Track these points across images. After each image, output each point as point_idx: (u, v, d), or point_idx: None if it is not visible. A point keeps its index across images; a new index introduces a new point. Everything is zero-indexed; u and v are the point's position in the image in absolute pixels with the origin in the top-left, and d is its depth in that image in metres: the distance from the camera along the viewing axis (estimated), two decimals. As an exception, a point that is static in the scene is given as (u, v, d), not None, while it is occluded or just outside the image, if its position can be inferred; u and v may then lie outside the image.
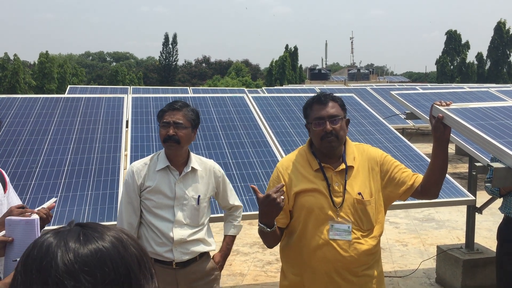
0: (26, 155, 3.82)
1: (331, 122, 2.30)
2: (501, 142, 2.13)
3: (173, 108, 2.67)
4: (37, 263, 0.85)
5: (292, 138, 4.55)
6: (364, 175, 2.36)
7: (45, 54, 40.96)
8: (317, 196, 2.32)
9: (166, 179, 2.71)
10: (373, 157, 2.40)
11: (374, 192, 2.35)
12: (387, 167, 2.38)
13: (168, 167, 2.72)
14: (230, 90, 17.37)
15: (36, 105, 4.63)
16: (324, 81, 45.40)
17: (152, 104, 4.94)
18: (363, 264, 2.34)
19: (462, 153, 11.49)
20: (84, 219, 3.20)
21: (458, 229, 6.60)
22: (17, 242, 1.98)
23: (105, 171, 3.72)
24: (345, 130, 2.38)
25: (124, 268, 0.88)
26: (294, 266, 2.42)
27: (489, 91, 5.87)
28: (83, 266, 0.83)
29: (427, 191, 2.33)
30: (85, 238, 0.88)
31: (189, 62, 73.38)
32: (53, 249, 0.85)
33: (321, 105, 2.35)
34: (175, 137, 2.62)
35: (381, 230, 2.40)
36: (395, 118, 10.40)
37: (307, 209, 2.33)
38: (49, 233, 0.90)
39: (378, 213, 2.37)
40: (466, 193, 3.90)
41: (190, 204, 2.72)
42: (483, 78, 51.82)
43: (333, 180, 2.33)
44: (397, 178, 2.36)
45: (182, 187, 2.72)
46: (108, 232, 0.93)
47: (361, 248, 2.30)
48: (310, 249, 2.33)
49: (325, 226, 2.30)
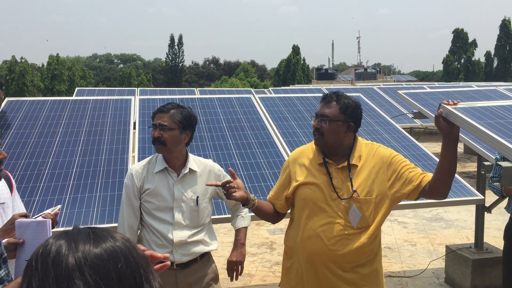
0: (34, 158, 3.84)
1: (321, 121, 2.40)
2: (509, 140, 2.11)
3: (160, 110, 2.69)
4: (48, 262, 0.86)
5: (299, 139, 4.54)
6: (367, 174, 2.39)
7: (55, 57, 41.27)
8: (314, 190, 2.42)
9: (165, 181, 2.71)
10: (381, 157, 2.42)
11: (375, 192, 2.37)
12: (395, 166, 2.38)
13: (166, 169, 2.72)
14: (237, 91, 17.38)
15: (45, 107, 4.66)
16: (331, 81, 45.27)
17: (159, 105, 4.93)
18: (352, 261, 2.39)
19: (471, 152, 11.42)
20: (93, 221, 3.22)
21: (467, 229, 6.56)
22: (28, 244, 2.00)
23: (113, 173, 3.74)
24: (337, 133, 2.40)
25: (136, 265, 0.90)
26: (288, 251, 2.61)
27: (497, 89, 5.83)
28: (96, 263, 0.85)
29: (435, 190, 2.31)
30: (96, 237, 0.90)
31: (196, 63, 73.56)
32: (65, 249, 0.86)
33: (323, 103, 2.47)
34: (160, 139, 2.63)
35: (377, 230, 2.42)
36: (402, 118, 10.37)
37: (303, 200, 2.46)
38: (60, 234, 0.91)
39: (377, 213, 2.39)
40: (475, 192, 3.87)
41: (189, 205, 2.71)
42: (491, 76, 51.55)
43: (333, 175, 2.41)
44: (404, 177, 2.36)
45: (181, 188, 2.71)
46: (117, 234, 0.95)
47: (350, 245, 2.36)
48: (302, 239, 2.46)
49: (317, 219, 2.41)
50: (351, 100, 2.45)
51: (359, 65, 70.70)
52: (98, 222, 3.22)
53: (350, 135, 2.45)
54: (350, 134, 2.44)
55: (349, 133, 2.43)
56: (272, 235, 6.47)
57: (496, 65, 53.71)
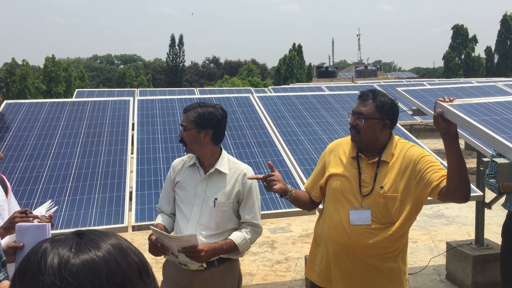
0: (33, 160, 3.85)
1: (357, 118, 2.47)
2: (504, 137, 2.10)
3: (184, 111, 2.77)
4: (30, 273, 0.85)
5: (298, 137, 4.54)
6: (396, 172, 2.44)
7: (51, 58, 41.23)
8: (344, 182, 2.52)
9: (193, 176, 2.76)
10: (410, 156, 2.45)
11: (401, 190, 2.41)
12: (421, 166, 2.40)
13: (196, 165, 2.78)
14: (236, 90, 17.36)
15: (43, 109, 4.66)
16: (331, 79, 45.19)
17: (158, 106, 4.95)
18: (373, 254, 2.44)
19: (472, 148, 11.40)
20: (91, 223, 3.22)
21: (468, 225, 6.56)
22: (28, 247, 2.01)
23: (111, 174, 3.74)
24: (373, 130, 2.46)
25: (121, 277, 0.86)
26: (317, 238, 2.72)
27: (496, 85, 5.81)
28: (74, 277, 0.83)
29: (452, 192, 2.26)
30: (78, 248, 0.87)
31: (195, 63, 73.50)
32: (46, 259, 0.85)
33: (359, 101, 2.54)
34: (182, 139, 2.72)
35: (402, 227, 2.45)
36: (402, 115, 10.32)
37: (333, 191, 2.57)
38: (46, 242, 0.90)
39: (403, 210, 2.43)
40: (474, 188, 3.86)
41: (208, 205, 2.68)
42: (492, 72, 51.45)
43: (363, 170, 2.49)
44: (427, 177, 2.37)
45: (204, 186, 2.71)
46: (106, 240, 0.91)
47: (373, 238, 2.42)
48: (329, 228, 2.57)
49: (344, 210, 2.49)
50: (388, 98, 2.50)
51: (359, 62, 70.64)
52: (97, 223, 3.22)
53: (386, 133, 2.50)
54: (386, 131, 2.50)
55: (384, 130, 2.48)
56: (273, 234, 6.47)
57: (497, 60, 53.61)
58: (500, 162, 2.05)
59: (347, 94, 5.64)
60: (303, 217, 6.74)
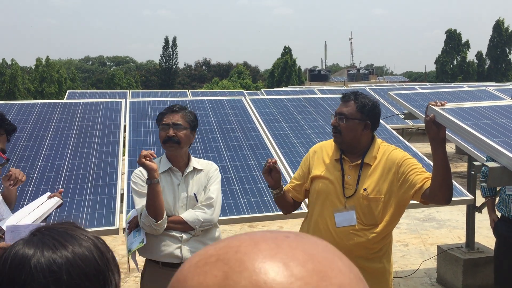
0: (23, 161, 3.81)
1: (338, 119, 2.50)
2: (495, 141, 2.12)
3: (171, 111, 2.75)
4: (8, 275, 0.85)
5: (290, 140, 4.54)
6: (378, 174, 2.46)
7: (44, 59, 40.97)
8: (327, 184, 2.53)
9: (169, 181, 2.76)
10: (393, 158, 2.47)
11: (384, 192, 2.43)
12: (404, 169, 2.42)
13: (171, 169, 2.78)
14: (229, 93, 17.33)
15: (34, 110, 4.63)
16: (324, 82, 45.25)
17: (150, 108, 4.93)
18: (359, 256, 2.45)
19: (462, 152, 11.46)
20: (82, 225, 3.19)
21: (458, 228, 6.58)
22: None
23: (103, 176, 3.71)
24: (354, 131, 2.47)
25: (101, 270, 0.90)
26: None
27: (486, 90, 5.85)
28: (54, 272, 0.83)
29: (435, 194, 2.30)
30: (59, 245, 0.88)
31: (189, 65, 73.31)
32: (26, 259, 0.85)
33: (342, 102, 2.59)
34: (175, 138, 2.68)
35: (386, 229, 2.49)
36: (394, 118, 10.37)
37: (316, 193, 2.57)
38: (21, 242, 0.90)
39: (386, 212, 2.46)
40: (464, 192, 3.89)
41: (192, 203, 2.75)
42: (483, 76, 51.79)
43: (346, 172, 2.50)
44: (410, 180, 2.39)
45: (185, 187, 2.76)
46: (86, 237, 0.94)
47: (357, 240, 2.44)
48: (313, 230, 2.57)
49: (329, 213, 2.50)
50: (369, 99, 2.53)
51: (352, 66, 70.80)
52: (88, 225, 3.20)
53: (368, 134, 2.52)
54: (368, 132, 2.51)
55: (366, 131, 2.50)
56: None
57: (488, 65, 53.95)
58: (491, 166, 2.06)
59: (339, 98, 5.65)
60: (295, 220, 6.74)
